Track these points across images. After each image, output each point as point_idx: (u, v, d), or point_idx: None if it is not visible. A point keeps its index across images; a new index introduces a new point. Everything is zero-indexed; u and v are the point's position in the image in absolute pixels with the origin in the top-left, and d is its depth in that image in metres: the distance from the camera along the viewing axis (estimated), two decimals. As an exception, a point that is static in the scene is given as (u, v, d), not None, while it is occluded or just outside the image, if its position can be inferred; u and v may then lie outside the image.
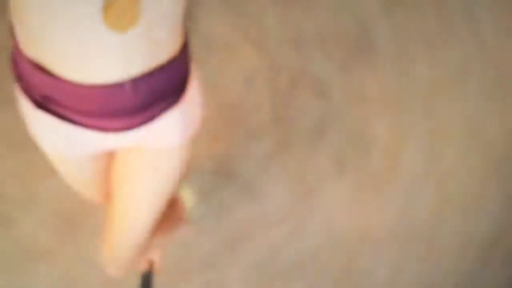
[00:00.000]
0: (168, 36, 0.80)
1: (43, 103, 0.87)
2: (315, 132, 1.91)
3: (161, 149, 0.97)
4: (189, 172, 1.80)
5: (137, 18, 0.71)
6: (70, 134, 0.92)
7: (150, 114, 0.89)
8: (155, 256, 1.62)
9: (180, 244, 1.79)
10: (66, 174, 1.08)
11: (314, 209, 1.87)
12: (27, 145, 1.77)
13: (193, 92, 0.96)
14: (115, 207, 1.05)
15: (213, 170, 1.84)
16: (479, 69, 2.02)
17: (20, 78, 0.86)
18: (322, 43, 1.97)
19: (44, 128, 0.92)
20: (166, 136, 0.95)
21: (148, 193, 1.01)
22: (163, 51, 0.81)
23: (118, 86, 0.80)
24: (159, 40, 0.78)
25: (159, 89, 0.86)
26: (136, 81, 0.81)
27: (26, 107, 0.91)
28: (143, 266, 1.63)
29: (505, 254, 1.92)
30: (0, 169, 1.78)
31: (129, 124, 0.89)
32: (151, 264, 1.62)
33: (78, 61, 0.75)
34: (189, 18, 1.90)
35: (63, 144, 0.95)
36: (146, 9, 0.71)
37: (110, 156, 1.09)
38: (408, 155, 1.96)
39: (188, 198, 1.68)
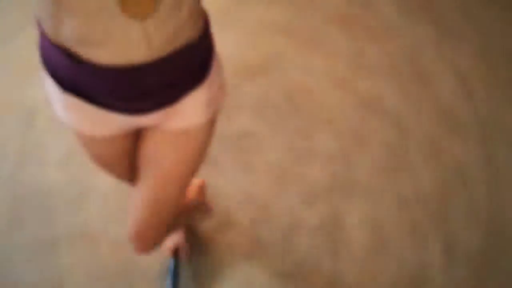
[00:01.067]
0: (188, 20, 0.81)
1: (70, 86, 0.89)
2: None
3: (186, 127, 0.99)
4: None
5: (154, 5, 0.72)
6: (92, 114, 0.95)
7: (172, 96, 0.91)
8: (180, 243, 1.65)
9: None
10: (93, 154, 1.10)
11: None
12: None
13: (215, 72, 0.97)
14: (142, 185, 1.07)
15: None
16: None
17: (47, 62, 0.89)
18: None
19: (71, 109, 0.94)
20: (191, 115, 0.96)
21: (174, 172, 1.03)
22: (183, 34, 0.83)
23: (142, 68, 0.82)
24: (178, 24, 0.80)
25: (181, 71, 0.87)
26: (160, 63, 0.83)
27: (53, 89, 0.93)
28: (170, 253, 1.65)
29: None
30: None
31: (152, 106, 0.91)
32: (177, 251, 1.65)
33: (102, 46, 0.77)
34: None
35: (89, 124, 0.98)
36: None
37: (133, 136, 1.11)
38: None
39: None
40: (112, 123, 0.98)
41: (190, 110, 0.96)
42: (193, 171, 1.06)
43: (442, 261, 1.77)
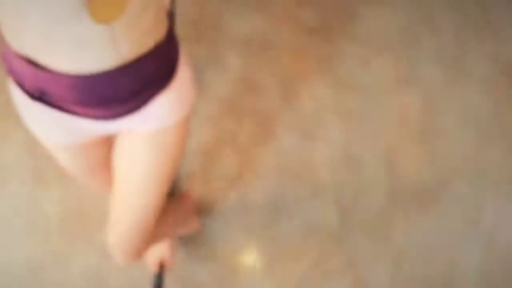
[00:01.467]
0: (154, 23, 0.80)
1: (36, 95, 0.87)
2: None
3: (157, 130, 0.98)
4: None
5: (122, 9, 0.71)
6: (64, 123, 0.93)
7: (142, 99, 0.90)
8: (166, 257, 1.62)
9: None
10: (66, 163, 1.08)
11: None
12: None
13: (184, 73, 0.97)
14: (119, 191, 1.05)
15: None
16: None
17: (12, 71, 0.87)
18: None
19: (39, 119, 0.93)
20: (164, 116, 0.96)
21: (149, 175, 1.01)
22: (150, 37, 0.82)
23: (108, 75, 0.81)
24: (145, 27, 0.79)
25: (149, 74, 0.87)
26: (126, 68, 0.82)
27: (20, 98, 0.91)
28: (154, 267, 1.62)
29: None
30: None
31: (122, 111, 0.90)
32: (162, 265, 1.60)
33: (66, 53, 0.75)
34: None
35: (58, 133, 0.96)
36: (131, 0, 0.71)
37: (107, 142, 1.09)
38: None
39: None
40: (83, 131, 0.97)
41: (162, 111, 0.95)
42: (170, 172, 1.05)
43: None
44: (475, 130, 1.95)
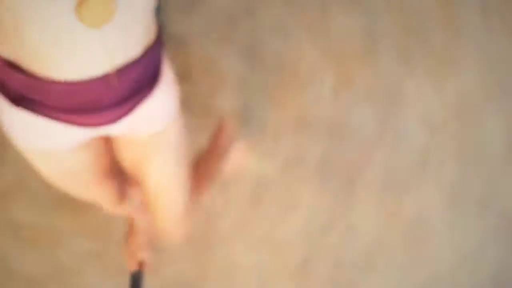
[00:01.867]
0: (144, 28, 0.80)
1: (20, 101, 0.85)
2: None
3: (158, 129, 0.98)
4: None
5: (112, 13, 0.71)
6: (49, 128, 0.90)
7: (132, 105, 0.89)
8: (145, 256, 1.58)
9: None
10: (51, 171, 1.02)
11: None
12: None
13: (168, 68, 0.96)
14: (147, 188, 1.11)
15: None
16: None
17: None
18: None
19: (23, 126, 0.90)
20: (158, 117, 0.96)
21: (167, 171, 1.06)
22: (140, 42, 0.81)
23: (98, 81, 0.80)
24: (135, 32, 0.78)
25: (139, 79, 0.86)
26: (118, 73, 0.81)
27: (4, 107, 0.87)
28: (133, 267, 1.58)
29: None
30: None
31: (113, 116, 0.88)
32: (141, 265, 1.56)
33: (56, 59, 0.74)
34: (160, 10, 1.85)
35: (43, 139, 0.92)
36: (121, 3, 0.71)
37: (98, 143, 1.06)
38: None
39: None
40: (69, 136, 0.93)
41: (155, 113, 0.94)
42: (182, 162, 1.08)
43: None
44: None
